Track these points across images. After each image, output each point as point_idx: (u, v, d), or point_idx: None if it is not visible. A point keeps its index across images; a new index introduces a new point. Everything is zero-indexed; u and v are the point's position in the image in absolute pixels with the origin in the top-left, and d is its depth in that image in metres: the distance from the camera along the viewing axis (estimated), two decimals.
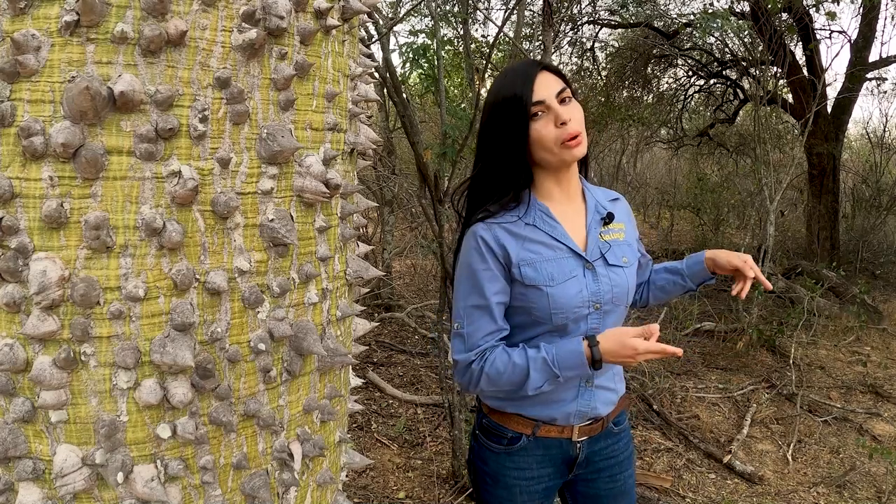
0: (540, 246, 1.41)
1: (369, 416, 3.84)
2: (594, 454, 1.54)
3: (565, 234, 1.43)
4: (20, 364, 0.87)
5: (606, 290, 1.43)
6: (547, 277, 1.39)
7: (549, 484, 1.54)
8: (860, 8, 6.69)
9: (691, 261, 1.64)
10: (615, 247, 1.47)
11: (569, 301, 1.39)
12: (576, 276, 1.41)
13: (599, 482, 1.56)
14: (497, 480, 1.52)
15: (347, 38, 1.11)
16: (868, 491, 3.25)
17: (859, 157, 10.76)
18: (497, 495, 1.53)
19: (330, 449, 1.17)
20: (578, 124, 1.38)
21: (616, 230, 1.50)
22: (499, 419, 1.49)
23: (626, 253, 1.49)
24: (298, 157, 1.01)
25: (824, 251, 7.31)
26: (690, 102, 10.06)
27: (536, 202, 1.45)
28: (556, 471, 1.54)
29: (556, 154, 1.37)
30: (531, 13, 7.18)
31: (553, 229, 1.43)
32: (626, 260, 1.48)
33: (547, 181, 1.46)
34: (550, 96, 1.36)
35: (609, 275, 1.44)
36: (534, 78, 1.37)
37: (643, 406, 4.02)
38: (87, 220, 0.85)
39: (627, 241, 1.52)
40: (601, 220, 1.48)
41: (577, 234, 1.46)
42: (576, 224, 1.47)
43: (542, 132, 1.36)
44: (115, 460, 0.90)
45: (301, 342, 1.02)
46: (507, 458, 1.50)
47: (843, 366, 4.92)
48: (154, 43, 0.84)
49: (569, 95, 1.39)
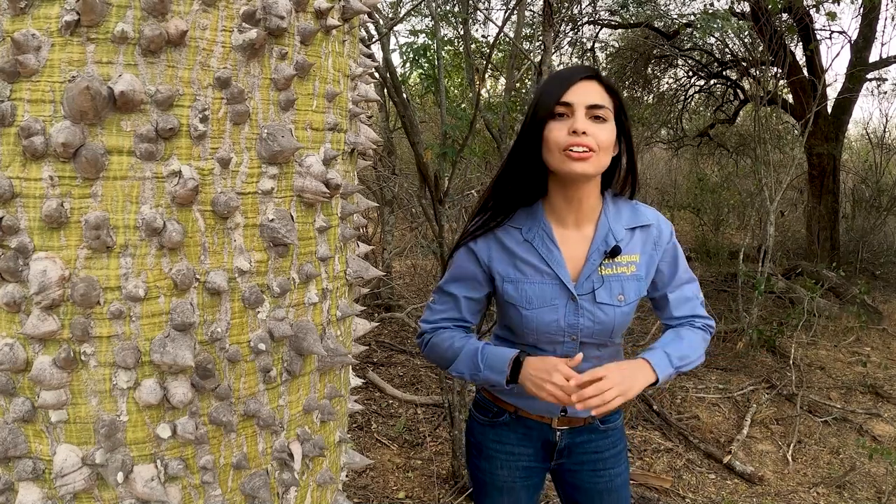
0: (529, 267, 1.40)
1: (369, 416, 3.84)
2: (576, 446, 1.56)
3: (559, 261, 1.39)
4: (20, 364, 0.87)
5: (587, 325, 1.40)
6: (525, 300, 1.40)
7: (530, 464, 1.58)
8: (860, 8, 6.69)
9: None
10: (613, 283, 1.40)
11: (543, 327, 1.40)
12: (555, 305, 1.39)
13: (583, 474, 1.57)
14: (480, 451, 1.60)
15: (348, 38, 1.11)
16: (868, 491, 3.25)
17: (859, 158, 10.76)
18: (480, 466, 1.60)
19: (330, 449, 1.17)
20: (595, 142, 1.28)
21: (624, 263, 1.41)
22: (488, 395, 1.58)
23: (628, 290, 1.41)
24: (299, 157, 1.01)
25: (824, 251, 7.31)
26: (690, 103, 10.06)
27: (543, 219, 1.41)
28: (537, 453, 1.57)
29: (557, 160, 1.31)
30: (531, 13, 7.18)
31: (549, 253, 1.39)
32: (621, 298, 1.40)
33: (557, 196, 1.40)
34: (581, 103, 1.29)
35: (594, 311, 1.39)
36: (575, 80, 1.31)
37: (643, 406, 4.02)
38: (87, 219, 0.85)
39: (637, 275, 1.42)
40: (604, 252, 1.39)
41: (574, 262, 1.41)
42: (576, 251, 1.41)
43: (553, 132, 1.31)
44: (115, 460, 0.90)
45: (301, 342, 1.02)
46: (491, 430, 1.57)
47: (843, 366, 4.92)
48: (154, 43, 0.84)
49: (604, 115, 1.30)
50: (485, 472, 1.60)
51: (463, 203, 5.51)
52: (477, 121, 2.78)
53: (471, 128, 2.73)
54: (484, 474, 1.60)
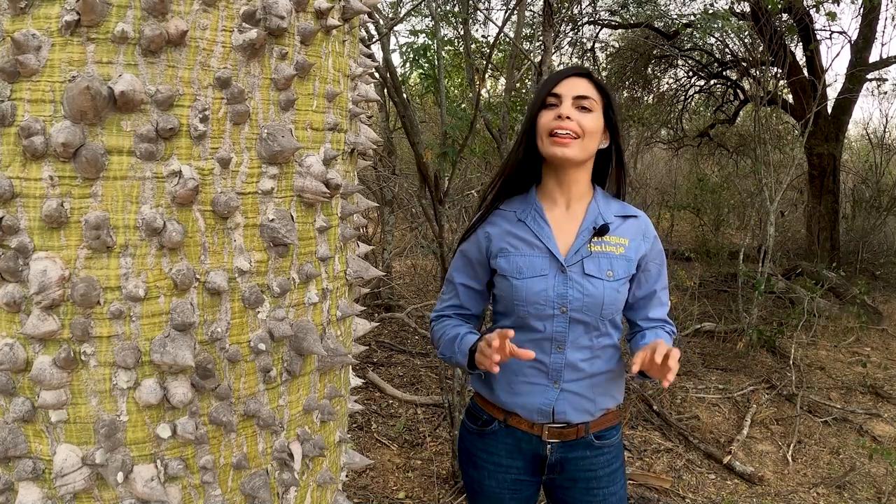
0: (520, 242, 1.49)
1: (369, 416, 3.84)
2: (568, 462, 1.52)
3: (549, 236, 1.47)
4: (20, 364, 0.87)
5: (576, 296, 1.43)
6: (515, 270, 1.46)
7: (520, 478, 1.56)
8: (860, 9, 6.69)
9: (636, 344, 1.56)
10: (602, 258, 1.45)
11: (533, 297, 1.44)
12: (545, 275, 1.44)
13: (575, 492, 1.54)
14: (469, 459, 1.60)
15: (348, 38, 1.11)
16: (868, 492, 3.25)
17: (859, 158, 10.76)
18: (470, 474, 1.61)
19: (330, 449, 1.17)
20: (578, 128, 1.41)
21: (613, 244, 1.47)
22: (479, 402, 1.60)
23: (616, 267, 1.45)
24: (299, 157, 1.01)
25: (824, 252, 7.31)
26: (691, 103, 10.06)
27: (535, 200, 1.51)
28: (527, 466, 1.55)
29: (545, 145, 1.44)
30: (531, 13, 7.18)
31: (540, 229, 1.48)
32: (610, 274, 1.44)
33: (550, 181, 1.51)
34: (568, 94, 1.43)
35: (583, 283, 1.43)
36: (566, 76, 1.46)
37: (643, 406, 4.02)
38: (87, 219, 0.85)
39: (626, 256, 1.47)
40: (593, 229, 1.46)
41: (564, 238, 1.48)
42: (566, 229, 1.49)
43: (542, 118, 1.44)
44: (115, 460, 0.90)
45: (301, 342, 1.02)
46: (479, 438, 1.58)
47: (842, 366, 4.92)
48: (154, 43, 0.84)
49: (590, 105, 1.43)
50: (474, 481, 1.59)
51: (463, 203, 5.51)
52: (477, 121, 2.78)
53: (471, 128, 2.73)
54: (473, 482, 1.60)
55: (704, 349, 5.24)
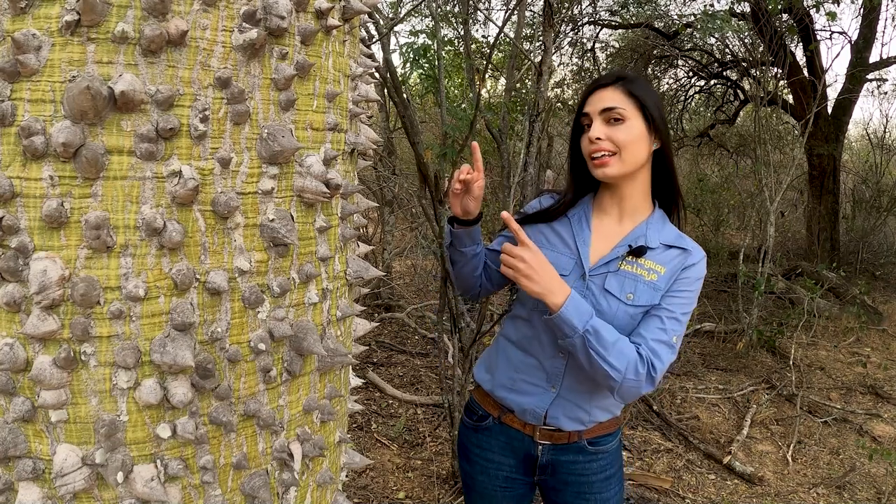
0: (556, 237, 1.49)
1: (369, 417, 3.84)
2: (560, 464, 1.51)
3: (586, 240, 1.44)
4: (20, 363, 0.87)
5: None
6: None
7: (512, 475, 1.56)
8: (861, 9, 6.69)
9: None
10: (628, 278, 1.38)
11: None
12: (565, 276, 1.41)
13: (567, 495, 1.53)
14: (464, 453, 1.62)
15: (348, 38, 1.11)
16: (868, 492, 3.25)
17: (860, 158, 10.76)
18: (464, 468, 1.63)
19: (330, 449, 1.17)
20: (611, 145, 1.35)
21: (647, 268, 1.39)
22: (477, 396, 1.61)
23: (640, 292, 1.37)
24: (299, 158, 1.01)
25: (824, 252, 7.31)
26: (691, 103, 10.07)
27: (588, 204, 1.51)
28: (519, 465, 1.55)
29: (589, 167, 1.42)
30: (532, 13, 7.18)
31: (580, 231, 1.46)
32: (630, 297, 1.37)
33: (604, 192, 1.49)
34: (594, 111, 1.39)
35: (599, 298, 1.38)
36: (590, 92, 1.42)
37: (643, 406, 4.02)
38: (87, 219, 0.85)
39: (656, 285, 1.37)
40: (629, 247, 1.40)
41: (601, 247, 1.44)
42: (608, 240, 1.44)
43: (582, 143, 1.43)
44: (115, 460, 0.90)
45: (301, 342, 1.02)
46: (473, 433, 1.60)
47: (842, 367, 4.92)
48: (155, 43, 0.84)
49: (618, 116, 1.35)
50: (467, 475, 1.61)
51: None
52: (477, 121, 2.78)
53: (471, 128, 2.72)
54: (466, 476, 1.62)
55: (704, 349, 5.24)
